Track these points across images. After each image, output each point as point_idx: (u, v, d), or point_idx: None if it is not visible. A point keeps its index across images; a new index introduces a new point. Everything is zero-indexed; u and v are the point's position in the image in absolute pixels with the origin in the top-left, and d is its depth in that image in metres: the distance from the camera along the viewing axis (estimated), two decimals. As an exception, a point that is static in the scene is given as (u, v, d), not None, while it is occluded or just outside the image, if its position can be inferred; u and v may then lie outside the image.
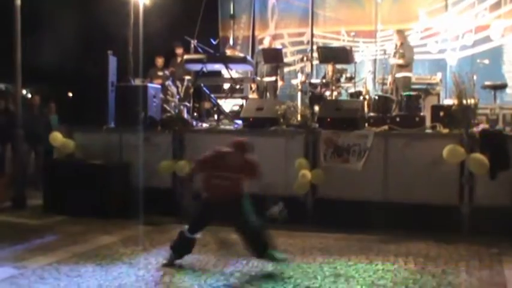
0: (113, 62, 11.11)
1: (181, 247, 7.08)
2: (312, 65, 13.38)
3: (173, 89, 11.80)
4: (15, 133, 11.03)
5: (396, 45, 12.13)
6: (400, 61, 11.72)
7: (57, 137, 10.92)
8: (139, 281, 6.50)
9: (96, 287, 6.31)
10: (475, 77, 10.53)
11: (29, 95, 17.14)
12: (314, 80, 12.07)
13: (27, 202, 11.09)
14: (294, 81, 12.39)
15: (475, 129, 8.88)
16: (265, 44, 13.28)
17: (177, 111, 11.22)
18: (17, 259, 7.37)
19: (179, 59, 13.00)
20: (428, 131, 9.44)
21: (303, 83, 11.84)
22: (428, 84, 12.07)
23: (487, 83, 11.28)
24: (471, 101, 9.06)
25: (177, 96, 11.82)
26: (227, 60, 11.49)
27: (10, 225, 9.67)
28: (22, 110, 11.13)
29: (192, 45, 11.90)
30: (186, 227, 6.99)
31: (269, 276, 6.66)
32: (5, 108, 13.00)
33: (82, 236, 8.69)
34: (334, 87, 11.37)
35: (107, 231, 8.91)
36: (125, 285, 6.36)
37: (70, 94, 13.25)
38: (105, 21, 13.12)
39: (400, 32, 12.25)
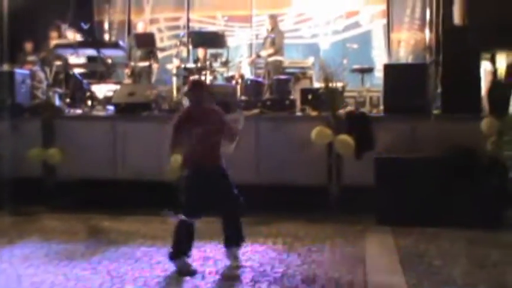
0: None
1: (183, 240, 6.21)
2: (188, 50, 13.27)
3: (41, 75, 11.38)
4: None
5: (267, 30, 12.30)
6: (271, 51, 11.89)
7: None
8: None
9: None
10: (345, 61, 10.88)
11: None
12: (189, 65, 12.00)
13: None
14: (169, 66, 12.29)
15: (342, 112, 9.14)
16: (139, 28, 13.09)
17: (45, 97, 10.81)
18: None
19: (52, 44, 12.51)
20: (298, 113, 9.65)
21: (178, 67, 11.74)
22: (301, 68, 12.32)
23: (355, 66, 11.65)
24: (338, 85, 9.34)
25: (46, 82, 11.40)
26: (99, 45, 11.24)
27: None
28: None
29: (63, 29, 11.52)
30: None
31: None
32: None
33: None
34: (209, 72, 11.36)
35: (-30, 224, 8.50)
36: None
37: None
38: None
39: (272, 17, 12.43)
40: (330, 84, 9.05)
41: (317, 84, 10.90)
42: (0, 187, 9.16)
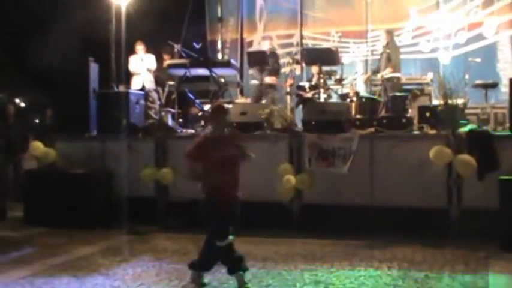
0: (94, 68, 11.21)
1: (210, 260, 6.53)
2: (302, 68, 13.36)
3: (154, 95, 11.87)
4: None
5: (383, 46, 12.20)
6: (387, 70, 11.72)
7: (38, 147, 10.99)
8: (114, 291, 6.56)
9: (68, 298, 6.38)
10: (467, 76, 10.59)
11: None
12: (303, 83, 12.09)
13: (8, 214, 11.17)
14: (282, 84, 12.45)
15: (463, 130, 8.91)
16: (264, 47, 13.19)
17: (158, 117, 11.25)
18: (-10, 272, 7.40)
19: (164, 64, 13.03)
20: (416, 132, 9.48)
21: (291, 85, 11.87)
22: (419, 84, 12.10)
23: (478, 81, 11.32)
24: (459, 101, 9.12)
25: (158, 102, 11.87)
26: (211, 65, 11.56)
27: (-13, 238, 9.72)
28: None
29: (176, 50, 11.97)
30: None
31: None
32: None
33: (61, 247, 8.71)
34: (322, 90, 11.41)
35: (87, 242, 8.93)
36: (99, 297, 6.42)
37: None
38: (86, 27, 13.18)
39: (388, 32, 12.31)
40: (450, 101, 8.85)
41: (436, 101, 10.65)
42: (114, 206, 9.62)
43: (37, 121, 13.94)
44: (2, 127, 11.50)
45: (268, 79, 12.29)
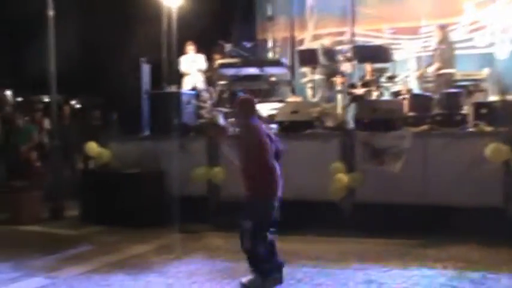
0: (146, 69, 11.44)
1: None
2: (353, 65, 13.24)
3: (205, 95, 11.98)
4: (51, 144, 11.44)
5: (436, 42, 12.01)
6: (439, 65, 11.53)
7: (92, 147, 11.25)
8: (167, 289, 6.66)
9: (123, 294, 6.52)
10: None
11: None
12: (354, 81, 12.02)
13: (65, 213, 11.48)
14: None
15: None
16: (325, 44, 13.08)
17: (210, 117, 11.35)
18: (49, 269, 7.66)
19: (215, 64, 13.14)
20: (471, 129, 9.34)
21: (342, 83, 11.79)
22: (474, 80, 11.86)
23: (536, 77, 11.04)
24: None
25: (210, 102, 11.97)
26: (261, 64, 11.64)
27: (46, 236, 10.08)
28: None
29: (226, 50, 12.07)
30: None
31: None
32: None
33: (116, 245, 8.96)
34: (374, 87, 11.32)
35: (141, 240, 9.16)
36: (153, 294, 6.53)
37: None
38: (138, 29, 13.47)
39: (442, 28, 12.09)
40: (507, 97, 8.68)
41: (492, 98, 10.45)
42: (167, 205, 9.74)
43: (92, 122, 14.21)
44: (58, 128, 11.79)
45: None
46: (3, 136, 13.05)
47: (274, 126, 10.60)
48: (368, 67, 11.69)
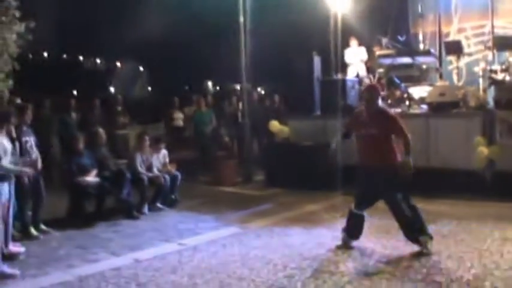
0: (317, 60, 12.00)
1: (351, 226, 6.50)
2: (493, 54, 12.50)
3: (366, 81, 12.01)
4: (243, 123, 12.14)
5: None
6: None
7: (275, 125, 11.77)
8: (334, 240, 6.84)
9: (299, 243, 6.87)
10: None
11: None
12: (494, 67, 11.38)
13: (253, 178, 12.16)
14: (476, 69, 11.81)
15: None
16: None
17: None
18: (241, 221, 8.31)
19: (375, 55, 13.11)
20: None
21: (483, 70, 11.24)
22: None
23: None
24: None
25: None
26: (414, 54, 11.84)
27: (239, 196, 10.75)
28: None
29: (384, 43, 12.05)
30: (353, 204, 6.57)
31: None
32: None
33: (293, 204, 9.42)
34: (512, 73, 10.71)
35: (313, 201, 9.53)
36: (323, 244, 6.75)
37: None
38: (310, 28, 13.80)
39: None
40: None
41: None
42: (334, 173, 9.86)
43: (274, 105, 14.73)
44: (248, 110, 12.38)
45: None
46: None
47: (424, 106, 10.39)
48: (508, 54, 10.96)
